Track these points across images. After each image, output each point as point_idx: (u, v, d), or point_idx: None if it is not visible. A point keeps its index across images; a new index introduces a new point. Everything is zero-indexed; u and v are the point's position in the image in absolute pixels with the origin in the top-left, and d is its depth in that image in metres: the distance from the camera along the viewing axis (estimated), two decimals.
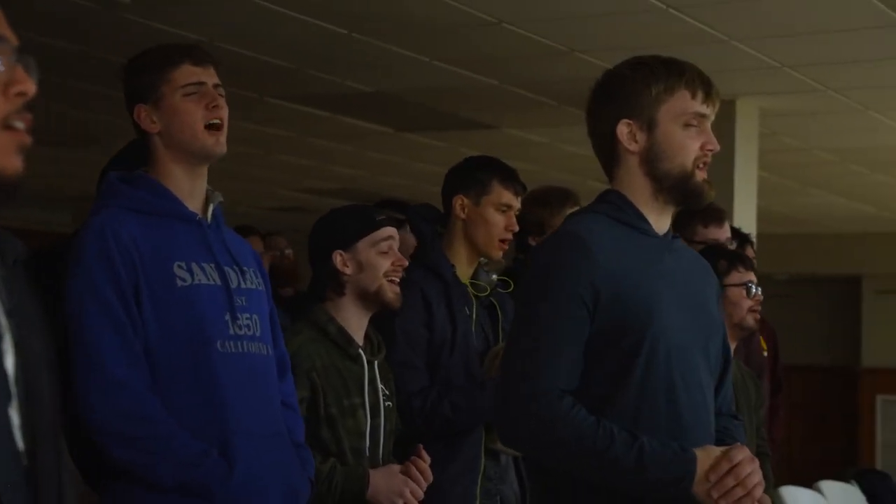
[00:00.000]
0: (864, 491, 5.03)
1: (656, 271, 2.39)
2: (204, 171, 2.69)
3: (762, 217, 7.02)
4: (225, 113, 2.67)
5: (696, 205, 2.46)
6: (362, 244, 3.15)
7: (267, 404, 2.65)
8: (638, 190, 2.43)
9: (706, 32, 5.24)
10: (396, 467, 3.06)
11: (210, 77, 2.67)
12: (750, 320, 3.70)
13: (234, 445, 2.54)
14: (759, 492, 2.32)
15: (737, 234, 4.98)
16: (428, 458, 3.11)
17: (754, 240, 5.09)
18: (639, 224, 2.42)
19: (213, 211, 2.69)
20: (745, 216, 6.58)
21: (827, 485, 4.88)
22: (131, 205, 2.61)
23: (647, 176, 2.41)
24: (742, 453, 2.31)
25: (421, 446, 3.12)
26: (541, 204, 4.07)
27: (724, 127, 6.54)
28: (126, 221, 2.57)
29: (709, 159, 2.43)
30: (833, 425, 13.00)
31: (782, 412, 5.13)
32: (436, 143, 8.09)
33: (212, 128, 2.64)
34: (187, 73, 2.65)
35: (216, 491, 2.51)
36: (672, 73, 2.41)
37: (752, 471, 2.30)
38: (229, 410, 2.55)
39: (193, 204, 2.67)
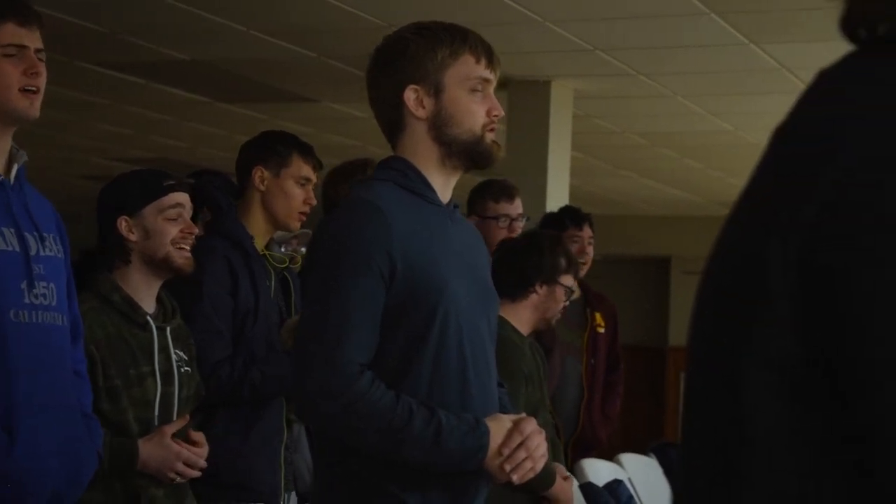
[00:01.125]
0: (662, 463, 5.22)
1: (444, 241, 2.39)
2: (11, 132, 2.63)
3: (575, 197, 7.19)
4: (43, 81, 2.60)
5: (485, 166, 2.44)
6: (149, 210, 3.09)
7: (59, 376, 2.60)
8: (425, 156, 2.41)
9: (522, 13, 5.33)
10: (169, 431, 3.00)
11: (34, 41, 2.59)
12: (557, 316, 3.80)
13: (19, 418, 2.48)
14: (542, 463, 2.39)
15: (576, 213, 5.07)
16: (202, 439, 3.07)
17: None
18: (425, 192, 2.41)
19: (17, 172, 2.62)
20: (558, 196, 6.73)
21: (627, 457, 5.04)
22: None
23: (435, 141, 2.40)
24: (531, 425, 2.37)
25: (188, 416, 3.09)
26: (343, 179, 4.08)
27: (539, 108, 6.67)
28: None
29: (496, 125, 2.43)
30: (640, 402, 13.44)
31: (620, 388, 5.24)
32: (255, 115, 8.01)
33: (27, 91, 2.57)
34: (10, 32, 2.56)
35: None
36: (456, 37, 2.40)
37: (540, 442, 2.37)
38: (17, 382, 2.49)
39: None
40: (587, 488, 4.47)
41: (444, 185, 2.44)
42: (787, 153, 0.99)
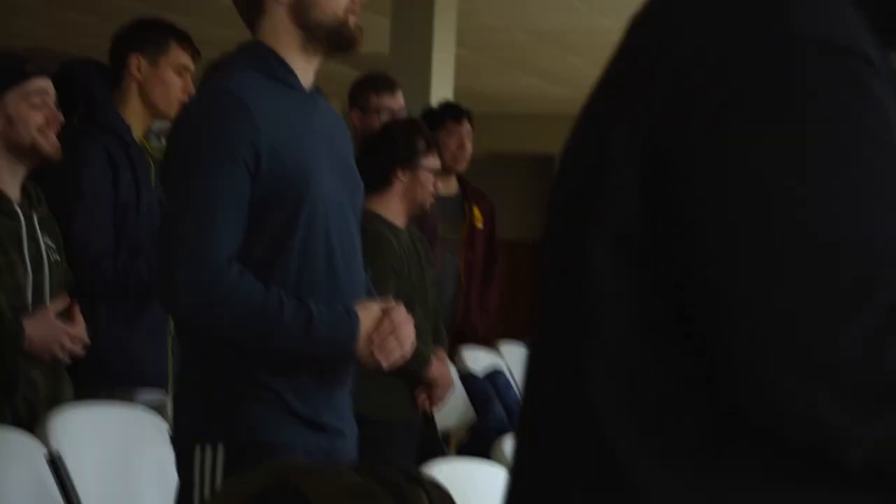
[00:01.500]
0: None
1: (308, 130, 2.36)
2: None
3: (460, 95, 7.19)
4: None
5: (348, 49, 2.40)
6: (11, 96, 3.00)
7: None
8: (286, 41, 2.36)
9: None
10: (53, 309, 2.98)
11: None
12: (429, 200, 3.82)
13: None
14: (410, 349, 2.44)
15: (455, 108, 5.10)
16: (80, 316, 3.05)
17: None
18: (288, 79, 2.36)
19: None
20: (443, 93, 6.72)
21: (506, 346, 5.15)
22: None
23: (296, 25, 2.35)
24: (401, 313, 2.40)
25: (68, 297, 3.06)
26: None
27: (423, 3, 6.63)
28: None
29: (358, 8, 2.38)
30: (522, 293, 13.64)
31: (497, 281, 5.33)
32: (133, 4, 7.79)
33: None
34: None
35: None
36: None
37: (410, 331, 2.41)
38: None
39: None
40: (467, 379, 4.58)
41: (306, 69, 2.40)
42: (636, 43, 1.03)
